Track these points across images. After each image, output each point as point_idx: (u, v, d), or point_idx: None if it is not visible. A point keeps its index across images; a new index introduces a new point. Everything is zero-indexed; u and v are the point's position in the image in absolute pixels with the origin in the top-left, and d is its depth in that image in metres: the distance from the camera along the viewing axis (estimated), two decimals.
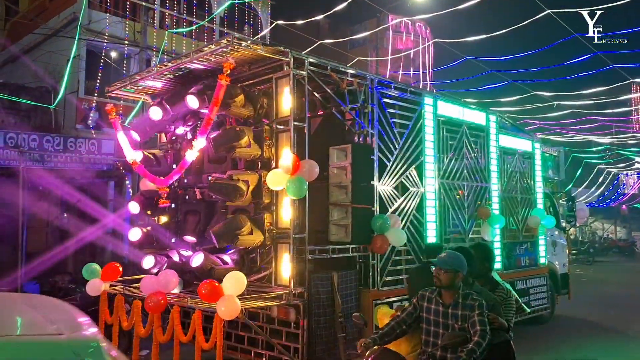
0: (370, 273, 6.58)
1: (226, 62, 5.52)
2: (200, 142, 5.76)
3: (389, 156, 6.97)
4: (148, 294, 5.79)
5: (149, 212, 7.39)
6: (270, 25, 16.82)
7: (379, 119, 6.85)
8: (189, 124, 6.82)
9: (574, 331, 9.86)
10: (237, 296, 5.19)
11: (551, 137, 20.55)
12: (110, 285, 6.98)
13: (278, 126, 6.01)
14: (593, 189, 28.52)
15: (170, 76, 6.78)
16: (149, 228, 7.08)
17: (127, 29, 16.89)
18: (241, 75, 6.51)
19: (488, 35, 10.98)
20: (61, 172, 13.89)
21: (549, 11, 9.21)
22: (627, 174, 38.74)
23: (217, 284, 5.17)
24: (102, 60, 16.13)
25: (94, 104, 16.34)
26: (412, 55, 26.93)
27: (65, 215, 15.44)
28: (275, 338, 5.85)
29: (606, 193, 32.29)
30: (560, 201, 12.65)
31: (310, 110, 6.53)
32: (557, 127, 19.30)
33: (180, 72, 6.64)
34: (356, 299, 6.44)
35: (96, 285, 6.87)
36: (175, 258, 6.72)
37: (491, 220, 8.33)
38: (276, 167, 5.90)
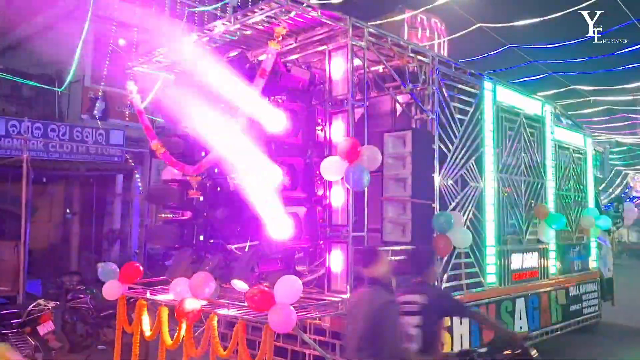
0: None
1: (277, 26, 4.66)
2: (242, 122, 4.90)
3: (450, 146, 6.14)
4: (180, 300, 4.96)
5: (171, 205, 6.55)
6: None
7: (439, 104, 6.02)
8: None
9: (625, 339, 9.06)
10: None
11: None
12: (129, 288, 6.14)
13: (332, 107, 5.17)
14: (610, 190, 27.79)
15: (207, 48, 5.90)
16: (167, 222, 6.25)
17: (137, 15, 16.02)
18: (288, 48, 5.64)
19: (540, 19, 10.14)
20: (67, 164, 13.04)
21: None
22: (634, 178, 37.91)
23: (267, 290, 4.34)
24: (110, 48, 15.30)
25: (100, 93, 15.47)
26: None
27: (69, 211, 14.57)
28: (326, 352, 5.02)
29: (622, 195, 31.56)
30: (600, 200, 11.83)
31: (361, 91, 5.69)
32: (588, 125, 18.46)
33: (215, 45, 5.79)
34: None
35: (114, 288, 6.02)
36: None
37: (549, 219, 7.51)
38: (330, 154, 5.07)
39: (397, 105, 6.10)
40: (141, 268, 6.22)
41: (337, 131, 5.09)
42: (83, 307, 7.65)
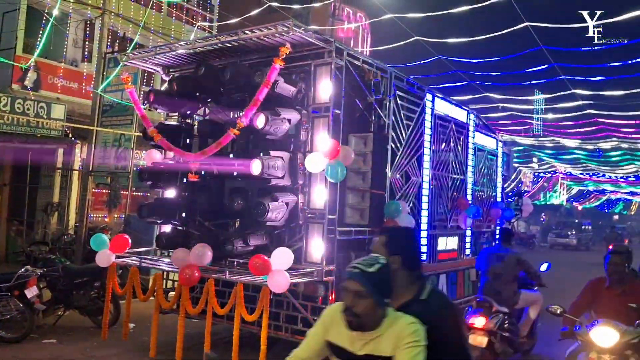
0: None
1: (283, 46, 5.70)
2: (244, 121, 5.89)
3: (399, 146, 7.46)
4: (181, 267, 5.90)
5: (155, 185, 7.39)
6: None
7: (393, 111, 7.31)
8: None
9: None
10: None
11: None
12: (117, 257, 6.93)
13: (315, 112, 6.29)
14: (505, 185, 31.09)
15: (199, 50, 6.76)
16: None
17: None
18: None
19: (469, 39, 11.73)
20: (6, 137, 12.99)
21: (527, 24, 10.10)
22: (526, 174, 42.20)
23: (266, 259, 5.42)
24: (44, 18, 15.17)
25: (32, 64, 15.29)
26: (352, 44, 27.69)
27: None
28: (299, 312, 6.18)
29: (515, 190, 35.20)
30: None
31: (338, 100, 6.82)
32: (496, 127, 20.95)
33: (209, 49, 6.67)
34: None
35: (106, 256, 6.79)
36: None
37: (468, 210, 9.11)
38: (311, 150, 6.18)
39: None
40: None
41: (318, 132, 6.22)
42: (54, 275, 8.18)
